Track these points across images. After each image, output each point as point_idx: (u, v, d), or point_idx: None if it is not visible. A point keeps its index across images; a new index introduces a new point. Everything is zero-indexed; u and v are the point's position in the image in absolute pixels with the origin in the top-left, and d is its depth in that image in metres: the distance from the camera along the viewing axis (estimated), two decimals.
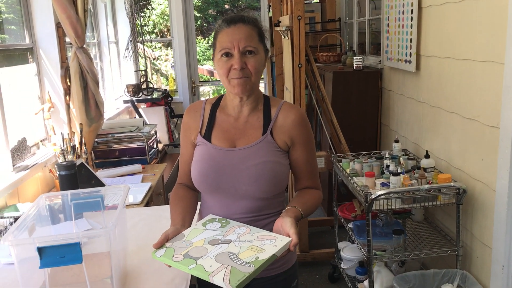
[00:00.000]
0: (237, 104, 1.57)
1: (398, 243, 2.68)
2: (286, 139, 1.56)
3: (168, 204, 2.31)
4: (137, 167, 3.30)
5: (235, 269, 1.24)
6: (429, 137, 3.08)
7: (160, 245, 1.37)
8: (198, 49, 9.91)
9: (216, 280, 1.21)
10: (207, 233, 1.42)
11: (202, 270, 1.25)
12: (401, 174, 2.58)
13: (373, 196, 2.49)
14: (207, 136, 1.58)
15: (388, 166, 2.81)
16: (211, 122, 1.60)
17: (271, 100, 1.62)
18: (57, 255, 1.32)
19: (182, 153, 1.68)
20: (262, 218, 1.56)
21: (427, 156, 2.72)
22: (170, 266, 1.33)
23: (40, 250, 1.31)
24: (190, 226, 1.51)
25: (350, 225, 3.04)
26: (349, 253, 3.16)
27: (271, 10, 5.11)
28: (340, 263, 3.24)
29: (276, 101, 1.62)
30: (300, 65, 3.20)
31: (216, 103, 1.63)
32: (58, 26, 3.25)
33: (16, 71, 3.12)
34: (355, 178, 2.84)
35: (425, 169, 2.67)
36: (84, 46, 3.29)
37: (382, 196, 2.50)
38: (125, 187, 1.72)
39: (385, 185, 2.62)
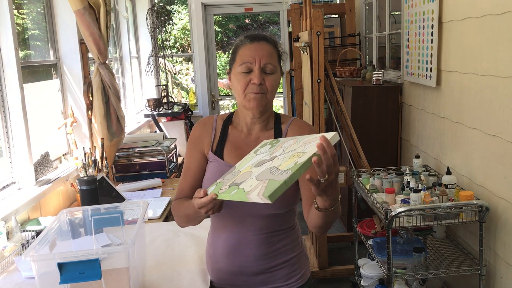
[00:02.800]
0: (249, 121, 1.58)
1: (419, 261, 2.64)
2: None
3: None
4: (157, 181, 3.33)
5: (272, 180, 1.15)
6: (451, 153, 3.04)
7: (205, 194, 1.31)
8: (218, 63, 9.99)
9: (252, 198, 1.15)
10: (256, 158, 1.37)
11: (242, 192, 1.19)
12: (421, 191, 2.55)
13: (393, 213, 2.46)
14: (219, 153, 1.57)
15: (408, 182, 2.77)
16: (223, 138, 1.59)
17: (281, 117, 1.63)
18: (76, 271, 1.34)
19: (188, 168, 1.61)
20: (275, 235, 1.56)
21: (448, 172, 2.68)
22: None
23: (60, 266, 1.33)
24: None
25: (370, 242, 3.01)
26: (369, 270, 3.11)
27: (290, 25, 5.15)
28: (360, 280, 3.19)
29: (287, 117, 1.63)
30: (319, 81, 3.21)
31: (228, 119, 1.64)
32: (82, 42, 3.32)
33: (40, 86, 3.20)
34: (375, 194, 2.81)
35: (446, 186, 2.63)
36: (106, 62, 3.35)
37: (403, 213, 2.47)
38: (144, 202, 1.74)
39: (405, 201, 2.59)
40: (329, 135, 1.19)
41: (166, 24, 5.73)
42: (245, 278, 1.58)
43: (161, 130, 5.01)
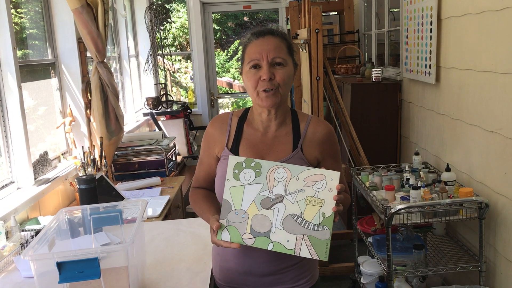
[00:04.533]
0: (265, 118, 1.56)
1: (419, 258, 2.64)
2: (316, 154, 1.55)
3: (186, 217, 2.32)
4: (156, 180, 3.32)
5: (313, 237, 1.32)
6: (450, 149, 3.04)
7: (218, 228, 1.39)
8: (217, 61, 9.97)
9: (303, 255, 1.32)
10: (249, 190, 1.38)
11: (284, 249, 1.33)
12: (421, 188, 2.55)
13: (392, 211, 2.45)
14: (234, 150, 1.55)
15: (408, 179, 2.77)
16: (238, 136, 1.57)
17: (298, 114, 1.61)
18: (75, 270, 1.34)
19: (202, 161, 1.65)
20: None
21: (448, 169, 2.68)
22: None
23: (59, 265, 1.32)
24: None
25: (370, 239, 3.01)
26: (369, 267, 3.11)
27: (289, 23, 5.13)
28: (360, 278, 3.19)
29: (304, 115, 1.61)
30: (318, 78, 3.20)
31: (243, 116, 1.61)
32: (80, 41, 3.31)
33: (39, 85, 3.19)
34: (374, 192, 2.81)
35: (446, 183, 2.63)
36: (105, 60, 3.35)
37: (402, 211, 2.46)
38: (143, 201, 1.73)
39: (405, 199, 2.58)
40: (336, 176, 1.33)
41: (165, 23, 5.71)
42: (253, 278, 1.56)
43: (160, 128, 5.01)
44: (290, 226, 1.33)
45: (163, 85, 5.58)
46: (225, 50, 11.09)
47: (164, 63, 6.00)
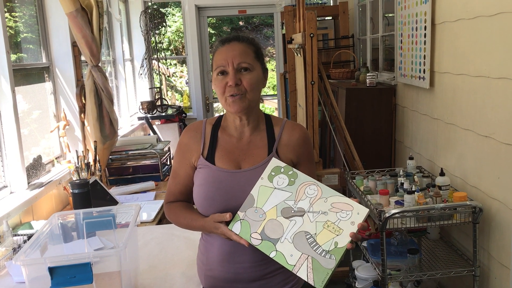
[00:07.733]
0: (239, 124, 1.56)
1: (413, 262, 2.64)
2: (292, 157, 1.55)
3: None
4: (150, 184, 3.31)
5: (317, 262, 1.27)
6: (444, 154, 3.05)
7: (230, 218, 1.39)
8: None
9: (300, 275, 1.28)
10: (276, 195, 1.38)
11: (285, 262, 1.29)
12: (415, 192, 2.55)
13: (387, 215, 2.45)
14: (210, 158, 1.55)
15: (402, 183, 2.77)
16: (213, 144, 1.57)
17: (272, 119, 1.61)
18: (68, 275, 1.33)
19: (177, 173, 1.61)
20: None
21: (442, 173, 2.68)
22: None
23: (51, 270, 1.31)
24: None
25: (365, 243, 3.00)
26: (364, 272, 3.11)
27: (284, 27, 5.15)
28: (355, 282, 3.19)
29: (278, 119, 1.62)
30: (312, 83, 3.21)
31: (217, 123, 1.61)
32: (74, 45, 3.31)
33: (33, 89, 3.18)
34: (369, 196, 2.81)
35: (440, 187, 2.63)
36: (99, 64, 3.34)
37: (396, 215, 2.47)
38: (137, 206, 1.73)
39: (399, 203, 2.59)
40: (363, 212, 1.29)
41: (160, 27, 5.71)
42: (240, 285, 1.55)
43: (154, 132, 5.00)
44: (299, 242, 1.30)
45: (158, 89, 5.58)
46: None
47: (159, 67, 6.00)
